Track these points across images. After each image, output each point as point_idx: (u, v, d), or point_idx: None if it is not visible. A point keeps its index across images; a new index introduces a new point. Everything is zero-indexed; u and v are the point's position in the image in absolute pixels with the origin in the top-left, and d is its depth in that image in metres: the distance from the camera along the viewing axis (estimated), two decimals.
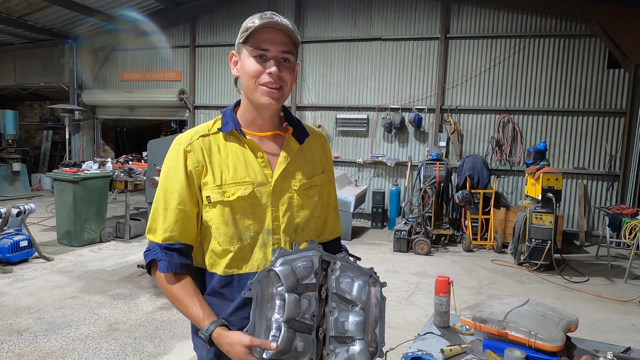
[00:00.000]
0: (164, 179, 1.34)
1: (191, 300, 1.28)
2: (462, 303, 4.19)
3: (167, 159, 1.36)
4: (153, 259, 1.31)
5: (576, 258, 6.96)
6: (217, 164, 1.32)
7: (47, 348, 3.51)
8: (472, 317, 1.66)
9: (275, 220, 1.33)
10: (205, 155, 1.32)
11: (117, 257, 6.08)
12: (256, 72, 1.26)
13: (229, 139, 1.35)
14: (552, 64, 8.14)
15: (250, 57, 1.27)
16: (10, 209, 5.44)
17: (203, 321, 1.24)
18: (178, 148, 1.33)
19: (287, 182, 1.35)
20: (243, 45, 1.29)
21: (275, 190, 1.33)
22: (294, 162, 1.38)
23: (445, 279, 1.97)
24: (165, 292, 1.33)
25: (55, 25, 10.87)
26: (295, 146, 1.40)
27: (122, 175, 7.01)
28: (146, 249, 1.36)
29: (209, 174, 1.31)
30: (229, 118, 1.36)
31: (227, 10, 10.18)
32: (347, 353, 1.19)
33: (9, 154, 10.75)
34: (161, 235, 1.31)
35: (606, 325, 4.36)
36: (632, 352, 1.61)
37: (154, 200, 1.36)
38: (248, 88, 1.30)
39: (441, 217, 7.81)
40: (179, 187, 1.31)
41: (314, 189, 1.42)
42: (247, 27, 1.27)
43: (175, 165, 1.32)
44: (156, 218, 1.33)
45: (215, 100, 10.50)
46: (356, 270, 1.25)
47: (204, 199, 1.32)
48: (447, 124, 8.72)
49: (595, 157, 8.03)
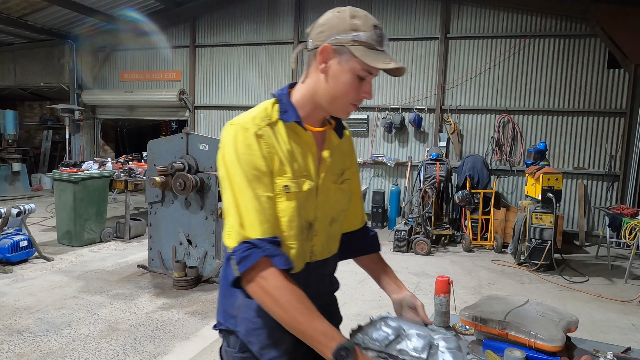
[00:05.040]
0: (238, 167, 1.17)
1: (317, 312, 1.13)
2: (462, 303, 4.19)
3: (232, 144, 1.19)
4: (264, 256, 1.12)
5: (576, 258, 6.96)
6: (286, 153, 1.24)
7: (47, 348, 3.51)
8: (472, 317, 1.66)
9: (316, 213, 1.32)
10: (274, 142, 1.23)
11: (117, 257, 6.08)
12: (353, 92, 1.21)
13: (289, 128, 1.26)
14: (552, 64, 8.14)
15: (351, 73, 1.19)
16: (10, 209, 5.44)
17: (334, 338, 1.09)
18: (245, 133, 1.19)
19: (328, 176, 1.35)
20: (352, 56, 1.17)
21: (319, 185, 1.32)
22: (334, 157, 1.37)
23: (445, 279, 1.97)
24: (276, 301, 1.12)
25: (55, 25, 10.88)
26: (335, 141, 1.38)
27: (122, 175, 7.02)
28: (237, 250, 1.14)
29: (285, 163, 1.23)
30: (288, 107, 1.27)
31: (227, 10, 10.18)
32: None
33: (9, 154, 10.75)
34: (260, 228, 1.14)
35: (606, 325, 4.36)
36: (632, 352, 1.61)
37: (232, 192, 1.18)
38: (335, 100, 1.23)
39: (441, 217, 7.81)
40: (261, 173, 1.18)
41: (347, 182, 1.43)
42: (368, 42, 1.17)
43: (250, 151, 1.18)
44: (246, 210, 1.15)
45: (215, 100, 10.49)
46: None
47: (281, 188, 1.21)
48: (447, 124, 8.72)
49: (595, 157, 8.03)
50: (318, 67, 1.22)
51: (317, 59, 1.22)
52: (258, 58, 10.08)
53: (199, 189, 4.97)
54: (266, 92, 10.05)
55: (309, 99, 1.27)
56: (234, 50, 10.27)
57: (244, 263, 1.12)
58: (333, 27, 1.21)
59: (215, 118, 10.51)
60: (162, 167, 5.00)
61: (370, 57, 1.17)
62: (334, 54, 1.20)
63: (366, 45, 1.17)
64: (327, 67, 1.21)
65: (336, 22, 1.21)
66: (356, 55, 1.17)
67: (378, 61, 1.17)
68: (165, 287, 4.97)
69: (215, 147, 4.99)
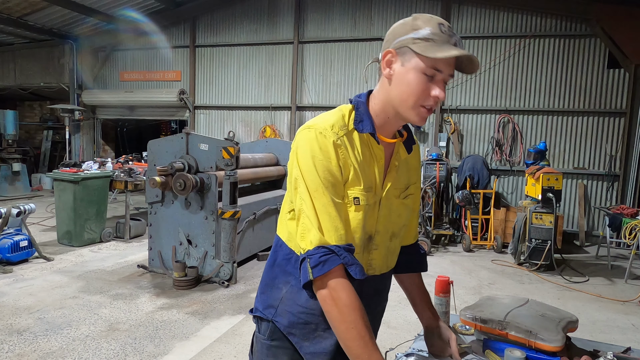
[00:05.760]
0: (315, 173, 1.17)
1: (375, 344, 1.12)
2: (462, 303, 4.19)
3: (309, 149, 1.19)
4: (341, 263, 1.12)
5: (576, 258, 6.96)
6: (359, 164, 1.23)
7: (47, 348, 3.51)
8: (472, 317, 1.66)
9: (377, 227, 1.31)
10: (350, 153, 1.22)
11: (117, 257, 6.08)
12: (422, 92, 1.16)
13: (362, 139, 1.26)
14: (552, 64, 8.14)
15: (415, 72, 1.15)
16: (10, 209, 5.45)
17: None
18: (324, 140, 1.19)
19: (392, 191, 1.33)
20: (415, 54, 1.14)
21: (382, 198, 1.31)
22: (401, 171, 1.36)
23: (445, 279, 1.97)
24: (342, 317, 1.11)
25: (55, 26, 10.88)
26: (404, 155, 1.36)
27: (122, 175, 7.01)
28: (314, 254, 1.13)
29: (357, 175, 1.22)
30: (365, 116, 1.26)
31: (227, 10, 10.18)
32: None
33: (9, 154, 10.75)
34: (336, 235, 1.14)
35: (606, 325, 4.36)
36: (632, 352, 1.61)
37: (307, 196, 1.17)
38: (403, 103, 1.19)
39: (441, 217, 7.81)
40: (337, 181, 1.19)
41: (410, 197, 1.41)
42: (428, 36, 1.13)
43: (327, 158, 1.18)
44: (322, 215, 1.15)
45: (215, 100, 10.49)
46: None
47: (351, 199, 1.22)
48: (447, 124, 8.72)
49: (595, 157, 8.03)
50: (384, 73, 1.22)
51: (382, 65, 1.22)
52: (258, 58, 10.08)
53: (199, 189, 4.97)
54: (266, 92, 10.06)
55: (382, 108, 1.26)
56: (234, 50, 10.27)
57: (319, 267, 1.12)
58: (396, 33, 1.20)
59: (215, 118, 10.52)
60: (162, 167, 5.00)
61: (431, 50, 1.12)
62: (397, 57, 1.18)
63: (428, 41, 1.13)
64: (391, 72, 1.20)
65: (399, 28, 1.20)
66: (416, 51, 1.13)
67: (439, 51, 1.11)
68: (165, 287, 4.97)
69: (215, 147, 4.99)
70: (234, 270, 5.08)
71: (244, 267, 5.73)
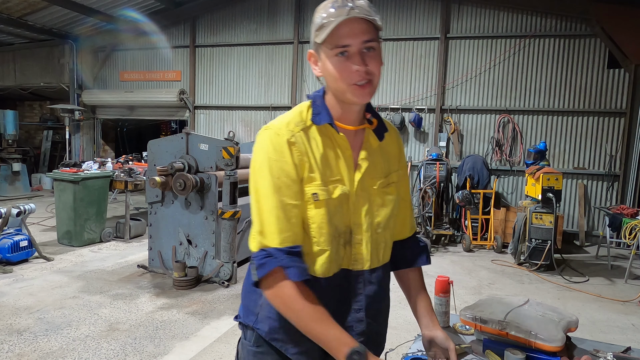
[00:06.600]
0: (267, 174, 1.19)
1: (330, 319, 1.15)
2: (462, 303, 4.19)
3: (263, 150, 1.21)
4: (278, 266, 1.15)
5: (576, 258, 6.96)
6: (318, 158, 1.23)
7: (47, 348, 3.51)
8: (472, 317, 1.66)
9: (357, 219, 1.28)
10: (307, 149, 1.22)
11: (117, 257, 6.08)
12: (341, 73, 1.17)
13: (322, 131, 1.26)
14: (552, 64, 8.14)
15: (331, 57, 1.17)
16: (10, 209, 5.44)
17: (347, 343, 1.12)
18: (278, 139, 1.21)
19: (368, 181, 1.30)
20: (320, 45, 1.18)
21: (357, 189, 1.28)
22: (374, 160, 1.33)
23: (445, 279, 1.97)
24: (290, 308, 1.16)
25: (55, 25, 10.88)
26: (375, 143, 1.34)
27: (122, 175, 7.01)
28: (256, 257, 1.18)
29: (315, 170, 1.22)
30: (322, 109, 1.27)
31: (227, 10, 10.18)
32: None
33: (9, 154, 10.75)
34: (279, 238, 1.16)
35: (606, 325, 4.36)
36: (632, 352, 1.61)
37: (257, 198, 1.20)
38: (337, 90, 1.22)
39: (441, 217, 7.81)
40: (290, 181, 1.19)
41: (392, 186, 1.37)
42: (320, 23, 1.16)
43: (281, 158, 1.19)
44: (268, 217, 1.17)
45: (215, 100, 10.49)
46: None
47: (310, 196, 1.21)
48: (447, 124, 8.72)
49: (595, 157, 8.03)
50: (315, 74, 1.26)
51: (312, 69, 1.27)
52: (258, 58, 10.08)
53: (199, 189, 4.97)
54: (266, 92, 10.06)
55: (335, 101, 1.27)
56: (234, 50, 10.27)
57: (260, 270, 1.16)
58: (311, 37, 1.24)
59: (215, 118, 10.52)
60: (162, 167, 5.00)
61: (323, 34, 1.15)
62: (315, 56, 1.24)
63: (322, 28, 1.15)
64: (318, 69, 1.24)
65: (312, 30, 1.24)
66: (317, 42, 1.18)
67: (325, 31, 1.14)
68: (165, 287, 4.97)
69: (215, 147, 4.99)
70: (234, 270, 5.08)
71: (244, 267, 5.72)
